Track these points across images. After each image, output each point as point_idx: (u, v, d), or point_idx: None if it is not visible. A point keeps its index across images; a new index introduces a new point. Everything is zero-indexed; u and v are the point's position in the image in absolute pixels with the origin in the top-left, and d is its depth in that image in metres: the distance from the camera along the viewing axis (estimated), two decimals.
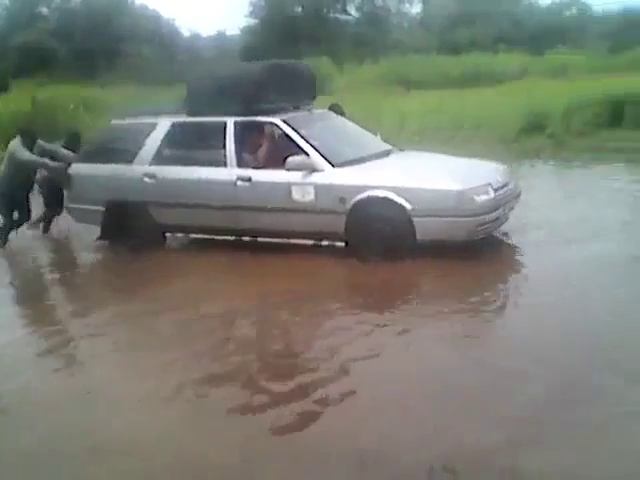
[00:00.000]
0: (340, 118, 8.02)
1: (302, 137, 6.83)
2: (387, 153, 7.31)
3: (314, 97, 7.96)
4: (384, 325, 5.12)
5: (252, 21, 36.55)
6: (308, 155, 6.70)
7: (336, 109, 8.24)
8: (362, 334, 4.92)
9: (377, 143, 7.66)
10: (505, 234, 7.00)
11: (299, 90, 7.61)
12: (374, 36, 34.05)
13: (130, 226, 7.48)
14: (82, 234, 8.41)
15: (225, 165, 7.05)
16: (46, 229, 8.98)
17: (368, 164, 6.86)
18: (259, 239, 7.39)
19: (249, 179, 6.91)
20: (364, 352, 4.61)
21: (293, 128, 6.90)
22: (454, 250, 6.26)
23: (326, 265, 6.66)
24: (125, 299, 6.32)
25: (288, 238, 7.13)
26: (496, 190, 6.40)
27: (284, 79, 7.33)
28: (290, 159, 6.66)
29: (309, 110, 7.60)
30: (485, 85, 20.93)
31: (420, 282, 6.20)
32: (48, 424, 4.02)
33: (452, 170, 6.78)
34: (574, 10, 40.60)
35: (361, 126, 8.03)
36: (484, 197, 6.27)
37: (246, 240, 7.50)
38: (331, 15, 36.13)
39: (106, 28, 33.37)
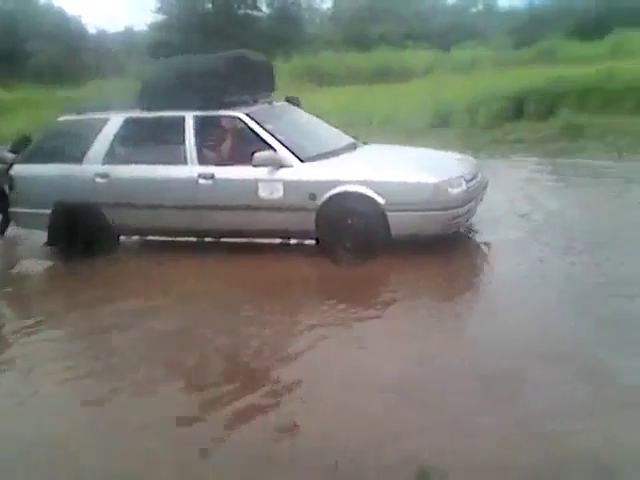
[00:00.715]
0: (301, 111, 7.74)
1: (267, 131, 6.53)
2: (354, 146, 7.10)
3: (273, 89, 7.65)
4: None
5: (160, 17, 35.67)
6: (275, 150, 6.41)
7: (293, 101, 7.97)
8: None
9: (342, 136, 7.41)
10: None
11: (259, 82, 7.29)
12: (286, 32, 33.87)
13: (81, 230, 6.97)
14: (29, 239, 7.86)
15: (185, 162, 6.68)
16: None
17: (337, 158, 6.62)
18: (223, 240, 7.03)
19: (212, 176, 6.56)
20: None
21: (257, 122, 6.58)
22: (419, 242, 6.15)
23: (296, 265, 6.37)
24: (69, 315, 5.82)
25: (254, 238, 6.84)
26: (468, 182, 6.33)
27: (244, 71, 7.00)
28: (257, 155, 6.34)
29: (270, 103, 7.30)
30: (394, 81, 21.05)
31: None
32: None
33: (424, 163, 6.64)
34: (480, 6, 41.78)
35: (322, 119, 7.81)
36: (458, 189, 6.17)
37: (209, 241, 7.12)
38: (242, 11, 35.73)
39: (9, 27, 31.69)
